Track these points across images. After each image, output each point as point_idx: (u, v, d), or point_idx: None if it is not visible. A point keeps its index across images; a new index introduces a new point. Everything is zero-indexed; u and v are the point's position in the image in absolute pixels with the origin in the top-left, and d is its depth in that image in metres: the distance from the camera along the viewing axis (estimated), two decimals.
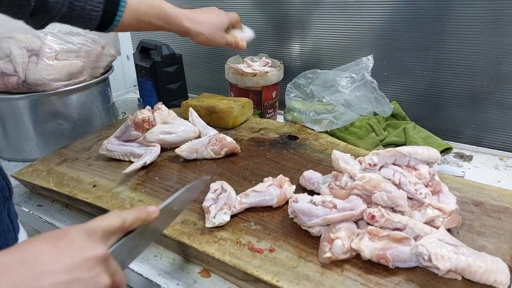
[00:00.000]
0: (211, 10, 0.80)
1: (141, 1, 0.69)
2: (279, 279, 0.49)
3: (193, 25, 0.74)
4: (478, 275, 0.47)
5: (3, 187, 0.40)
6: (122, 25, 0.68)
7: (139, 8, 0.69)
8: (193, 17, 0.74)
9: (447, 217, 0.55)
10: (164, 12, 0.71)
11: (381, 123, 0.95)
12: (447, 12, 0.87)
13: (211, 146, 0.77)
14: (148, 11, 0.69)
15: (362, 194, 0.56)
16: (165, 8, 0.71)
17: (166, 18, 0.71)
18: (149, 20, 0.70)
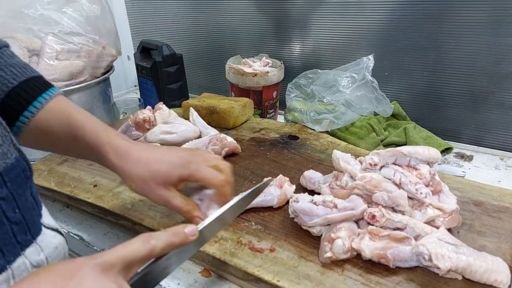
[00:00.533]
0: (171, 153, 0.54)
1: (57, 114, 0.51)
2: (280, 278, 0.49)
3: (121, 163, 0.51)
4: (479, 274, 0.47)
5: (24, 168, 0.41)
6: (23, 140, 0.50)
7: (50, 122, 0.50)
8: (125, 153, 0.52)
9: (447, 217, 0.55)
10: (83, 137, 0.51)
11: (381, 123, 0.95)
12: (447, 12, 0.87)
13: (212, 146, 0.77)
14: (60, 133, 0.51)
15: (362, 194, 0.56)
16: (85, 129, 0.51)
17: (86, 146, 0.52)
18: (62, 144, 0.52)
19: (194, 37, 1.30)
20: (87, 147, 0.52)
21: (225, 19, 1.20)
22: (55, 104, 0.51)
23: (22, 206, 0.39)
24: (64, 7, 0.88)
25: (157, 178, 0.52)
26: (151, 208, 0.64)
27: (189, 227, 0.40)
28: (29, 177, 0.42)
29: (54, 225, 0.46)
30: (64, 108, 0.52)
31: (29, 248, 0.39)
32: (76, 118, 0.52)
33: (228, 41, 1.23)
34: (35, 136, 0.51)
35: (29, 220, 0.39)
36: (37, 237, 0.41)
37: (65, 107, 0.53)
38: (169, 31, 1.34)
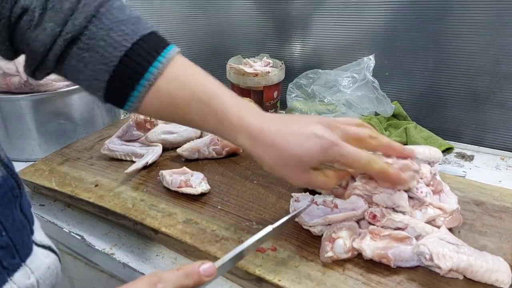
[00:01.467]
0: (314, 129, 0.46)
1: (181, 85, 0.46)
2: (280, 278, 0.49)
3: (254, 146, 0.47)
4: (480, 274, 0.47)
5: (12, 186, 0.39)
6: (144, 108, 0.47)
7: (174, 95, 0.45)
8: (259, 134, 0.46)
9: (448, 217, 0.55)
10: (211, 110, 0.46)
11: (382, 123, 0.95)
12: (448, 12, 0.87)
13: (213, 146, 0.77)
14: (186, 103, 0.46)
15: (363, 194, 0.56)
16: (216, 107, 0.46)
17: (214, 121, 0.47)
18: (187, 115, 0.47)
19: (194, 37, 1.30)
20: (217, 125, 0.47)
21: (226, 19, 1.20)
22: (176, 69, 0.47)
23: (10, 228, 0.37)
24: None
25: (294, 163, 0.47)
26: (152, 208, 0.64)
27: (205, 264, 0.36)
28: (17, 196, 0.39)
29: (47, 242, 0.44)
30: (188, 75, 0.47)
31: (17, 272, 0.37)
32: (205, 89, 0.47)
33: (228, 41, 1.23)
34: (158, 108, 0.47)
35: (17, 241, 0.37)
36: (26, 259, 0.39)
37: (188, 74, 0.48)
38: (169, 30, 1.34)
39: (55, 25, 0.43)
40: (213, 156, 0.78)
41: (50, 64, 0.45)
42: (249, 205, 0.64)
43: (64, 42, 0.43)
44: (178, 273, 0.35)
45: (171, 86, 0.46)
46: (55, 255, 0.44)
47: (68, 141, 0.89)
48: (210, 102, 0.46)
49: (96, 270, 0.70)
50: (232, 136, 0.48)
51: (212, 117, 0.47)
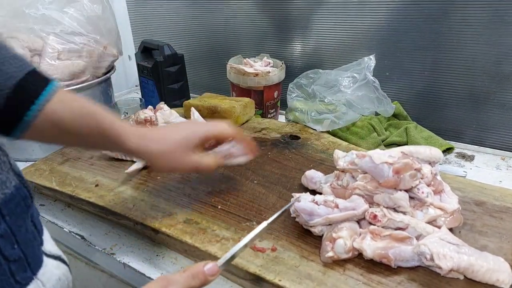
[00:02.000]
0: (184, 124, 0.61)
1: (68, 105, 0.49)
2: (281, 278, 0.49)
3: (142, 143, 0.53)
4: (480, 274, 0.47)
5: (25, 195, 0.39)
6: (33, 134, 0.49)
7: (63, 113, 0.48)
8: (144, 134, 0.54)
9: (449, 217, 0.55)
10: (99, 125, 0.51)
11: (382, 123, 0.95)
12: (448, 12, 0.87)
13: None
14: (72, 121, 0.49)
15: (363, 194, 0.56)
16: (102, 119, 0.51)
17: (101, 133, 0.51)
18: (75, 133, 0.50)
19: (195, 37, 1.30)
20: (103, 135, 0.51)
21: (226, 19, 1.20)
22: (62, 95, 0.50)
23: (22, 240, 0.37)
24: (65, 7, 0.88)
25: (181, 145, 0.55)
26: (153, 208, 0.64)
27: (209, 264, 0.38)
28: (29, 205, 0.40)
29: (56, 252, 0.44)
30: (74, 99, 0.51)
31: (29, 286, 0.37)
32: (89, 109, 0.51)
33: (229, 41, 1.23)
34: (47, 128, 0.49)
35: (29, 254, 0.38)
36: (37, 271, 0.39)
37: (74, 98, 0.51)
38: (170, 31, 1.34)
39: None
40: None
41: None
42: (249, 205, 0.64)
43: None
44: (184, 274, 0.37)
45: (60, 106, 0.49)
46: (65, 266, 0.43)
47: None
48: (95, 117, 0.51)
49: (96, 270, 0.70)
50: (120, 142, 0.52)
51: (98, 129, 0.51)
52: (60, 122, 0.49)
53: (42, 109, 0.47)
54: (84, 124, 0.50)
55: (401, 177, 0.53)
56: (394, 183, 0.54)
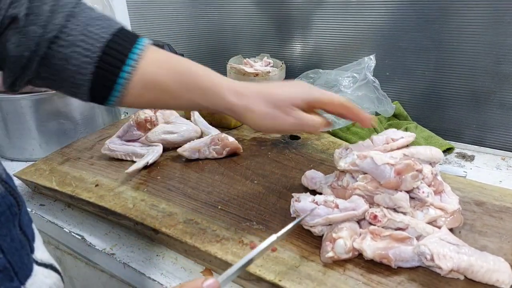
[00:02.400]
0: (286, 83, 0.56)
1: (161, 63, 0.49)
2: (281, 278, 0.49)
3: (242, 100, 0.51)
4: (480, 274, 0.47)
5: (10, 203, 0.37)
6: (129, 97, 0.48)
7: (156, 74, 0.48)
8: (243, 89, 0.52)
9: (449, 217, 0.55)
10: (195, 80, 0.50)
11: (383, 123, 0.95)
12: (449, 12, 0.87)
13: (213, 146, 0.77)
14: (169, 80, 0.49)
15: (364, 194, 0.56)
16: (197, 74, 0.51)
17: (199, 89, 0.50)
18: (172, 91, 0.50)
19: (195, 37, 1.30)
20: (200, 91, 0.50)
21: (227, 19, 1.20)
22: (152, 53, 0.50)
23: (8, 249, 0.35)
24: None
25: (281, 103, 0.52)
26: (153, 208, 0.64)
27: (209, 281, 0.36)
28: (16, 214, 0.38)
29: (48, 260, 0.42)
30: (165, 56, 0.51)
31: None
32: (182, 64, 0.51)
33: (229, 41, 1.23)
34: (142, 89, 0.49)
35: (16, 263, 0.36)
36: (26, 281, 0.37)
37: (165, 55, 0.51)
38: (170, 31, 1.34)
39: (37, 28, 0.44)
40: (213, 156, 0.78)
41: (33, 68, 0.45)
42: (249, 205, 0.64)
43: (46, 43, 0.44)
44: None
45: (153, 65, 0.49)
46: (57, 275, 0.42)
47: (68, 141, 0.89)
48: (191, 73, 0.50)
49: (96, 270, 0.70)
50: (219, 98, 0.51)
51: (196, 85, 0.50)
52: (156, 82, 0.48)
53: (134, 69, 0.47)
54: (184, 83, 0.49)
55: (402, 178, 0.53)
56: (396, 184, 0.54)
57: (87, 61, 0.45)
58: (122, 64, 0.47)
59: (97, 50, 0.45)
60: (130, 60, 0.47)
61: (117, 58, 0.46)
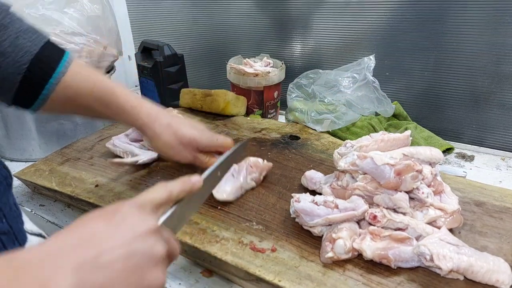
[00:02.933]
0: (191, 124, 0.62)
1: (84, 79, 0.53)
2: (281, 278, 0.49)
3: (154, 125, 0.57)
4: (480, 275, 0.47)
5: (5, 175, 0.41)
6: (52, 106, 0.52)
7: (78, 87, 0.52)
8: (157, 116, 0.57)
9: (449, 217, 0.55)
10: (114, 99, 0.54)
11: (382, 123, 0.95)
12: (448, 12, 0.87)
13: (250, 174, 0.67)
14: (89, 95, 0.52)
15: (363, 194, 0.56)
16: (116, 93, 0.54)
17: (117, 108, 0.55)
18: (91, 106, 0.54)
19: (195, 37, 1.30)
20: (118, 109, 0.55)
21: (226, 19, 1.20)
22: (77, 68, 0.52)
23: (8, 215, 0.39)
24: (65, 7, 0.88)
25: (185, 141, 0.59)
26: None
27: (194, 177, 0.44)
28: (10, 185, 0.42)
29: (37, 231, 0.46)
30: (88, 72, 0.54)
31: None
32: (104, 82, 0.54)
33: (229, 41, 1.23)
34: (63, 101, 0.52)
35: (15, 229, 0.40)
36: (24, 244, 0.41)
37: (88, 71, 0.54)
38: (170, 31, 1.34)
39: None
40: (253, 186, 0.68)
41: None
42: (249, 205, 0.64)
43: None
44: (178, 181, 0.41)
45: (75, 80, 0.52)
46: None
47: (68, 141, 0.89)
48: (110, 91, 0.54)
49: None
50: (133, 117, 0.56)
51: (113, 102, 0.54)
52: (76, 95, 0.52)
53: (58, 82, 0.50)
54: (103, 100, 0.53)
55: (402, 179, 0.53)
56: (396, 185, 0.54)
57: (15, 72, 0.48)
58: (48, 77, 0.50)
59: (26, 62, 0.48)
60: (56, 73, 0.50)
61: (44, 71, 0.49)
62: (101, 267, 0.29)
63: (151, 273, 0.33)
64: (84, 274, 0.28)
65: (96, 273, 0.29)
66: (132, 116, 0.56)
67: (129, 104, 0.55)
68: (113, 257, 0.30)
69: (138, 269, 0.32)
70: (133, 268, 0.31)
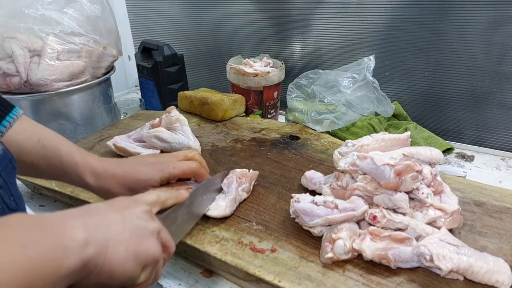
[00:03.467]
0: (141, 160, 0.58)
1: (28, 136, 0.51)
2: (280, 279, 0.49)
3: (99, 181, 0.53)
4: (480, 275, 0.46)
5: (10, 158, 0.42)
6: None
7: (24, 144, 0.50)
8: (101, 172, 0.53)
9: (449, 218, 0.55)
10: (58, 159, 0.52)
11: (382, 123, 0.95)
12: (448, 12, 0.87)
13: (240, 186, 0.65)
14: (34, 153, 0.51)
15: (363, 195, 0.56)
16: (60, 152, 0.52)
17: (61, 168, 0.52)
18: (35, 164, 0.52)
19: (195, 37, 1.30)
20: (62, 170, 0.53)
21: (226, 19, 1.20)
22: (23, 124, 0.52)
23: (15, 194, 0.41)
24: (65, 7, 0.88)
25: (137, 186, 0.54)
26: None
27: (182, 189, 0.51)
28: (15, 168, 0.43)
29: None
30: (34, 129, 0.53)
31: None
32: (49, 140, 0.53)
33: (229, 41, 1.23)
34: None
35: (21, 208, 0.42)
36: None
37: (34, 127, 0.53)
38: (170, 31, 1.34)
39: None
40: (245, 197, 0.66)
41: None
42: (248, 206, 0.64)
43: None
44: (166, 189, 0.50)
45: (19, 136, 0.51)
46: None
47: None
48: (55, 150, 0.52)
49: None
50: (78, 176, 0.53)
51: (57, 160, 0.52)
52: (21, 152, 0.50)
53: (3, 135, 0.49)
54: (47, 159, 0.52)
55: (402, 179, 0.53)
56: (395, 185, 0.54)
57: None
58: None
59: None
60: (1, 126, 0.49)
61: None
62: (106, 227, 0.36)
63: (146, 239, 0.39)
64: (93, 230, 0.35)
65: (102, 230, 0.36)
66: (78, 177, 0.53)
67: (73, 164, 0.53)
68: (114, 221, 0.37)
69: (135, 233, 0.38)
70: (131, 230, 0.38)
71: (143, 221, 0.40)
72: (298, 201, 0.56)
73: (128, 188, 0.54)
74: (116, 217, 0.38)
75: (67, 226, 0.33)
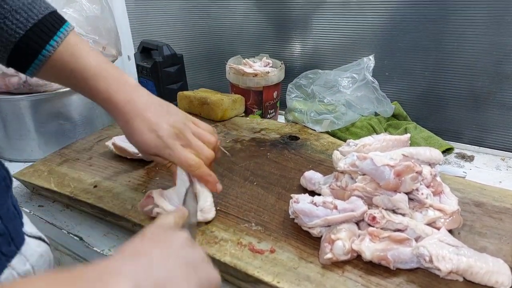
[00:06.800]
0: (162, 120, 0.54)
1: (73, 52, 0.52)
2: (280, 280, 0.49)
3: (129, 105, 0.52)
4: (480, 276, 0.46)
5: (4, 176, 0.41)
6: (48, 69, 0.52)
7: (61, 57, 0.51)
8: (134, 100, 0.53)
9: (448, 218, 0.55)
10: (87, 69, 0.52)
11: (382, 123, 0.95)
12: (448, 12, 0.87)
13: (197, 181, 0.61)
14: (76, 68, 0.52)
15: (363, 195, 0.56)
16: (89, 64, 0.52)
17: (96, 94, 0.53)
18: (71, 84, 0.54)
19: (194, 37, 1.30)
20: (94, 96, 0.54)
21: (226, 19, 1.20)
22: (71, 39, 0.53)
23: (4, 216, 0.39)
24: (64, 7, 0.88)
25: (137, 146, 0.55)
26: None
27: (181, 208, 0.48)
28: (9, 186, 0.43)
29: (37, 233, 0.46)
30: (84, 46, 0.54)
31: (14, 258, 0.39)
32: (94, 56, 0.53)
33: (228, 41, 1.22)
34: (57, 69, 0.52)
35: (12, 230, 0.40)
36: (21, 247, 0.41)
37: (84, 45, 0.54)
38: (169, 31, 1.34)
39: None
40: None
41: None
42: (248, 206, 0.64)
43: None
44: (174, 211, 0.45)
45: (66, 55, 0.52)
46: (46, 244, 0.46)
47: (67, 142, 0.89)
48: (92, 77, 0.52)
49: None
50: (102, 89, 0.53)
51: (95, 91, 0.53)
52: (65, 67, 0.52)
53: (56, 48, 0.51)
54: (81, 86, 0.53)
55: (402, 180, 0.53)
56: (395, 186, 0.53)
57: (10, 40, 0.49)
58: (41, 48, 0.50)
59: (18, 35, 0.49)
60: (53, 41, 0.51)
61: (37, 43, 0.50)
62: (156, 268, 0.31)
63: (203, 267, 0.36)
64: (141, 275, 0.30)
65: (153, 272, 0.31)
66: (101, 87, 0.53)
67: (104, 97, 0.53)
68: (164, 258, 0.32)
69: (189, 265, 0.34)
70: (185, 264, 0.34)
71: (192, 250, 0.37)
72: (297, 202, 0.56)
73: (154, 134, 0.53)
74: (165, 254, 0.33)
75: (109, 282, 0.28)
